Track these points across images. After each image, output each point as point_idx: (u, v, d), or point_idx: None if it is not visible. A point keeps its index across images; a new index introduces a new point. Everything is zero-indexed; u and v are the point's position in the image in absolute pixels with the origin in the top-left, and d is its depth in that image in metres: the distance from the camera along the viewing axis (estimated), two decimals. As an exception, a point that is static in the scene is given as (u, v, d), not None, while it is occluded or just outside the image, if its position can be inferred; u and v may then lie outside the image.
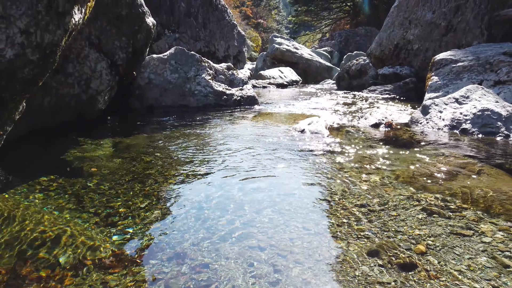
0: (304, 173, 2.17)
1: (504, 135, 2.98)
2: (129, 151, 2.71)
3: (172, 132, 3.33)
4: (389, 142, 2.92)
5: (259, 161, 2.38)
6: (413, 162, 2.35)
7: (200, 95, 4.66)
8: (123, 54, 3.76)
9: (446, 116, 3.40)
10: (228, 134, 3.25)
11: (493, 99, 3.40)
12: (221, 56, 10.86)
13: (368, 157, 2.47)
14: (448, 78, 4.56)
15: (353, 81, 8.00)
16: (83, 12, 2.58)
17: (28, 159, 2.55)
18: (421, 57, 7.15)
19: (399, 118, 3.94)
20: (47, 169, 2.30)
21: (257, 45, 40.49)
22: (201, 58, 4.96)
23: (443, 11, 6.75)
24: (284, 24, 57.26)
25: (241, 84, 5.30)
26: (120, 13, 3.67)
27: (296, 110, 4.74)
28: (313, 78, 11.57)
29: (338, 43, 18.17)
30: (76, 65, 3.26)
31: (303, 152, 2.61)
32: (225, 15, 11.21)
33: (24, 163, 2.47)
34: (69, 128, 3.28)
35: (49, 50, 2.23)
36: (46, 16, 2.18)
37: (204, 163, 2.38)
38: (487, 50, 4.71)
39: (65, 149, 2.71)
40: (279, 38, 12.24)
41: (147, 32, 4.06)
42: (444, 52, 5.16)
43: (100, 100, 3.52)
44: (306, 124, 3.39)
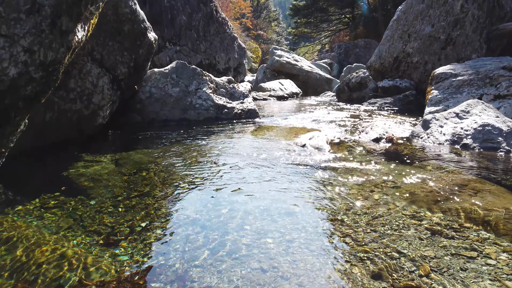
0: (306, 191, 2.16)
1: (506, 151, 2.98)
2: (129, 167, 2.71)
3: (172, 147, 3.33)
4: (390, 157, 2.91)
5: (261, 177, 2.38)
6: (415, 179, 2.34)
7: (201, 109, 4.67)
8: (124, 69, 3.78)
9: (447, 131, 3.41)
10: (229, 149, 3.26)
11: (494, 114, 3.41)
12: (221, 69, 10.94)
13: (370, 174, 2.47)
14: (448, 92, 4.58)
15: (353, 94, 8.04)
16: (86, 29, 2.60)
17: (29, 175, 2.55)
18: (421, 70, 7.19)
19: (400, 133, 3.94)
20: (48, 186, 2.30)
21: (257, 56, 40.80)
22: (202, 71, 4.99)
23: (442, 24, 6.81)
24: (284, 35, 57.80)
25: (242, 97, 5.33)
26: (123, 29, 3.71)
27: (296, 123, 4.75)
28: (313, 90, 11.62)
29: (338, 55, 18.30)
30: (78, 80, 3.28)
31: (305, 168, 2.61)
32: (225, 28, 11.31)
33: (25, 180, 2.46)
34: (71, 143, 3.29)
35: (52, 68, 2.25)
36: (50, 35, 2.20)
37: (204, 179, 2.37)
38: (486, 64, 4.74)
39: (66, 165, 2.71)
40: (279, 50, 12.34)
41: (148, 47, 4.09)
42: (444, 66, 5.20)
43: (101, 115, 3.53)
44: (307, 139, 3.39)
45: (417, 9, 7.36)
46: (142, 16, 3.96)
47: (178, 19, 9.42)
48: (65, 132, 3.25)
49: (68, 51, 2.35)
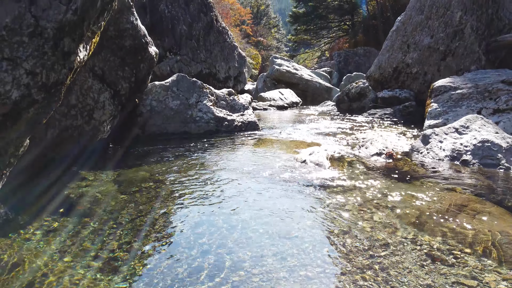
0: (306, 211, 2.16)
1: (505, 168, 2.99)
2: (130, 185, 2.72)
3: (172, 163, 3.34)
4: (390, 175, 2.92)
5: (261, 197, 2.39)
6: (415, 199, 2.35)
7: (202, 122, 4.69)
8: (126, 84, 3.80)
9: (446, 147, 3.42)
10: (229, 165, 3.26)
11: (493, 130, 3.43)
12: (222, 78, 10.98)
13: (370, 193, 2.47)
14: (448, 105, 4.61)
15: (353, 104, 8.07)
16: (87, 49, 2.62)
17: (30, 195, 2.55)
18: (420, 80, 7.23)
19: (399, 147, 3.95)
20: (49, 207, 2.30)
21: (257, 62, 41.00)
22: (202, 84, 5.01)
23: (441, 36, 6.86)
24: (283, 42, 58.11)
25: (242, 110, 5.35)
26: (124, 44, 3.73)
27: (297, 136, 4.76)
28: (313, 98, 11.66)
29: (338, 63, 18.39)
30: (80, 96, 3.30)
31: (305, 186, 2.61)
32: (226, 37, 11.37)
33: (26, 199, 2.47)
34: (71, 159, 3.30)
35: (54, 89, 2.27)
36: (52, 57, 2.22)
37: (204, 198, 2.38)
38: (485, 77, 4.77)
39: (66, 183, 2.72)
40: (279, 59, 12.40)
41: (150, 62, 4.12)
42: (443, 79, 5.22)
43: (102, 130, 3.54)
44: (308, 155, 3.40)
45: (416, 20, 7.41)
46: (143, 31, 3.99)
47: (179, 29, 9.48)
48: (66, 148, 3.26)
49: (70, 72, 2.37)
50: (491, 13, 6.63)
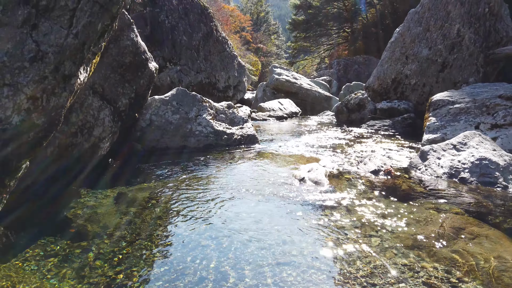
0: (304, 234, 2.17)
1: (503, 186, 3.00)
2: (129, 205, 2.73)
3: (172, 180, 3.36)
4: (388, 194, 2.93)
5: (258, 217, 2.40)
6: (413, 221, 2.36)
7: (201, 136, 4.71)
8: (125, 100, 3.83)
9: (444, 164, 3.44)
10: (227, 183, 3.28)
11: (491, 147, 3.45)
12: (221, 87, 11.03)
13: (368, 214, 2.49)
14: (446, 119, 4.63)
15: (352, 115, 8.10)
16: (88, 70, 2.65)
17: (29, 216, 2.56)
18: (419, 92, 7.27)
19: (398, 162, 3.97)
20: (48, 229, 2.31)
21: (256, 69, 41.20)
22: (202, 98, 5.04)
23: (439, 48, 6.91)
24: (283, 48, 58.40)
25: (242, 123, 5.37)
26: (124, 61, 3.77)
27: (295, 150, 4.78)
28: (312, 108, 11.70)
29: (337, 71, 18.48)
30: (80, 114, 3.32)
31: (303, 207, 2.63)
32: (225, 47, 11.44)
33: (26, 221, 2.47)
34: (71, 177, 3.31)
35: (55, 112, 2.29)
36: (53, 81, 2.24)
37: (202, 219, 2.39)
38: (483, 91, 4.80)
39: (67, 204, 2.74)
40: (279, 68, 12.47)
41: (149, 77, 4.15)
42: (441, 93, 5.25)
43: (102, 147, 3.56)
44: (306, 172, 3.42)
45: (415, 31, 7.46)
46: (143, 47, 4.03)
47: (179, 39, 9.54)
48: (66, 165, 3.28)
49: (70, 94, 2.39)
50: (488, 25, 6.68)
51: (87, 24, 2.44)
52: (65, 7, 2.34)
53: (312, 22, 34.50)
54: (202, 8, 10.57)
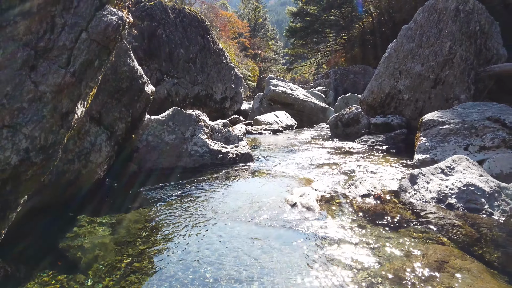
0: (293, 267, 2.25)
1: (488, 213, 3.09)
2: (125, 233, 2.81)
3: (167, 205, 3.43)
4: (377, 221, 3.02)
5: (250, 248, 2.47)
6: (400, 253, 2.44)
7: (197, 155, 4.79)
8: (122, 125, 3.91)
9: (432, 188, 3.53)
10: (221, 209, 3.35)
11: (477, 172, 3.55)
12: (218, 98, 11.13)
13: (356, 245, 2.57)
14: (436, 140, 4.73)
15: (346, 129, 8.21)
16: (85, 104, 2.73)
17: (26, 246, 2.63)
18: (412, 107, 7.38)
19: (389, 183, 4.07)
20: (45, 262, 2.38)
21: (254, 75, 41.42)
22: (197, 117, 5.13)
23: (431, 64, 7.04)
24: (281, 54, 58.69)
25: (237, 141, 5.46)
26: (121, 87, 3.85)
27: (289, 170, 4.87)
28: (308, 119, 11.82)
29: (333, 81, 18.66)
30: (77, 140, 3.40)
31: (293, 236, 2.70)
32: (222, 59, 11.56)
33: (22, 252, 2.54)
34: (68, 202, 3.39)
35: (52, 149, 2.37)
36: (51, 119, 2.33)
37: (197, 250, 2.46)
38: (472, 112, 4.91)
39: (63, 233, 2.80)
40: (275, 79, 12.59)
41: (146, 100, 4.24)
42: (432, 113, 5.36)
43: (99, 172, 3.63)
44: (298, 197, 3.50)
45: (408, 47, 7.59)
46: (140, 71, 4.12)
47: (176, 52, 9.64)
48: (63, 191, 3.35)
49: (67, 131, 2.48)
50: (479, 43, 6.82)
51: (84, 62, 2.53)
52: (63, 47, 2.43)
53: (309, 30, 34.77)
54: (199, 21, 10.69)
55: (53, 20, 2.38)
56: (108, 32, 2.65)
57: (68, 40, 2.43)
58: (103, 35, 2.62)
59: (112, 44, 2.72)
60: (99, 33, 2.59)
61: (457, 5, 6.99)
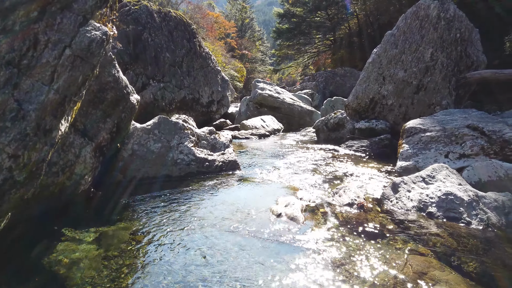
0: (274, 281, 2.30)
1: (466, 222, 3.20)
2: (111, 247, 2.81)
3: (152, 217, 3.44)
4: (360, 231, 3.09)
5: (232, 262, 2.51)
6: (381, 263, 2.51)
7: (183, 164, 4.80)
8: (107, 135, 3.90)
9: (414, 197, 3.62)
10: (206, 218, 3.38)
11: (457, 180, 3.66)
12: (205, 102, 11.12)
13: (338, 257, 2.63)
14: (418, 147, 4.85)
15: (332, 134, 8.31)
16: (68, 120, 2.73)
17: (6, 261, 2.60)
18: (395, 112, 7.52)
19: (372, 191, 4.16)
20: (29, 279, 2.37)
21: (242, 75, 41.46)
22: (183, 125, 5.14)
23: (414, 70, 7.18)
24: (268, 54, 58.81)
25: (223, 148, 5.49)
26: (106, 97, 3.84)
27: (275, 177, 4.92)
28: (295, 122, 11.91)
29: (319, 84, 18.83)
30: (61, 153, 3.38)
31: (276, 249, 2.75)
32: (209, 62, 11.55)
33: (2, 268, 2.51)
34: (52, 214, 3.36)
35: (36, 167, 2.36)
36: (34, 137, 2.32)
37: (180, 263, 2.48)
38: (452, 120, 5.04)
39: (46, 247, 2.79)
40: (262, 83, 12.65)
41: (131, 110, 4.23)
42: (414, 120, 5.48)
43: (83, 184, 3.62)
44: (283, 207, 3.55)
45: (391, 53, 7.73)
46: (125, 82, 4.11)
47: (162, 56, 9.61)
48: (47, 204, 3.33)
49: (51, 147, 2.47)
50: (460, 50, 6.99)
51: (68, 78, 2.53)
52: (47, 64, 2.42)
53: (296, 31, 34.93)
54: (185, 24, 10.67)
55: (36, 37, 2.38)
56: (92, 47, 2.65)
57: (51, 57, 2.43)
58: (87, 51, 2.63)
59: (96, 60, 2.72)
60: (83, 49, 2.60)
61: (438, 12, 7.15)
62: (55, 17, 2.48)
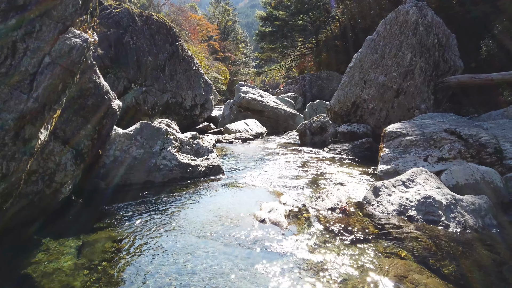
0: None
1: (445, 225, 3.28)
2: (93, 256, 2.77)
3: (135, 225, 3.40)
4: (342, 236, 3.14)
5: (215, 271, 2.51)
6: (361, 268, 2.56)
7: (166, 170, 4.77)
8: (88, 142, 3.84)
9: (394, 201, 3.70)
10: (189, 225, 3.37)
11: (435, 184, 3.75)
12: (188, 106, 11.07)
13: (320, 262, 2.67)
14: (398, 151, 4.95)
15: (315, 137, 8.41)
16: (48, 128, 2.68)
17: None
18: (376, 116, 7.66)
19: (354, 195, 4.23)
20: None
21: (225, 78, 41.45)
22: (166, 130, 5.11)
23: (393, 75, 7.33)
24: (251, 57, 58.98)
25: (207, 153, 5.48)
26: (87, 104, 3.79)
27: (258, 182, 4.94)
28: (278, 125, 11.99)
29: (302, 87, 19.02)
30: (41, 161, 3.32)
31: (260, 256, 2.77)
32: (191, 65, 11.51)
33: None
34: (32, 223, 3.29)
35: (15, 177, 2.31)
36: (13, 147, 2.28)
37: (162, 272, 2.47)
38: (431, 124, 5.18)
39: (26, 259, 2.73)
40: (245, 86, 12.69)
41: (113, 116, 4.18)
42: (394, 124, 5.60)
43: (63, 192, 3.56)
44: (267, 212, 3.58)
45: (371, 58, 7.88)
46: (106, 87, 4.06)
47: (144, 60, 9.52)
48: (27, 213, 3.26)
49: (31, 157, 2.43)
50: (438, 55, 7.18)
51: (48, 86, 2.49)
52: (25, 72, 2.38)
53: (279, 34, 35.16)
54: (168, 28, 10.61)
55: (14, 45, 2.34)
56: (73, 55, 2.62)
57: (30, 65, 2.40)
58: (67, 59, 2.59)
59: (77, 67, 2.69)
60: (62, 56, 2.56)
61: (416, 18, 7.33)
62: (34, 24, 2.44)
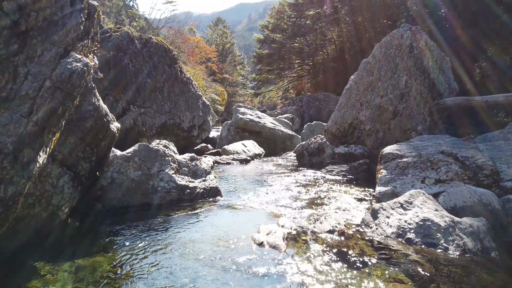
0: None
1: (444, 248, 3.27)
2: (87, 281, 2.73)
3: (131, 249, 3.37)
4: (341, 259, 3.11)
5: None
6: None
7: (163, 191, 4.75)
8: (86, 164, 3.84)
9: (393, 223, 3.69)
10: (187, 251, 3.34)
11: (433, 206, 3.75)
12: (186, 127, 11.12)
13: (321, 286, 2.63)
14: (395, 172, 4.97)
15: (312, 159, 8.43)
16: (47, 151, 2.69)
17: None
18: (373, 137, 7.71)
19: (352, 217, 4.21)
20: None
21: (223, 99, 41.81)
22: (164, 152, 5.12)
23: (389, 97, 7.43)
24: (249, 78, 59.71)
25: (204, 175, 5.47)
26: (85, 126, 3.81)
27: (256, 204, 4.92)
28: (276, 146, 12.03)
29: (299, 108, 19.22)
30: (38, 184, 3.30)
31: (257, 281, 2.74)
32: (190, 87, 11.63)
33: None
34: (28, 246, 3.25)
35: (12, 201, 2.31)
36: (11, 170, 2.28)
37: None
38: (428, 146, 5.21)
39: (21, 284, 2.68)
40: (243, 107, 12.80)
41: (111, 138, 4.20)
42: (391, 146, 5.64)
43: (60, 215, 3.53)
44: (265, 235, 3.55)
45: (367, 80, 8.00)
46: (105, 110, 4.10)
47: (143, 82, 9.62)
48: (23, 237, 3.22)
49: (29, 180, 2.43)
50: (432, 78, 7.31)
51: (48, 110, 2.51)
52: (26, 96, 2.41)
53: (276, 56, 35.78)
54: (166, 50, 10.78)
55: (15, 69, 2.37)
56: (73, 79, 2.66)
57: (31, 89, 2.42)
58: (68, 83, 2.63)
59: (77, 91, 2.73)
60: (63, 80, 2.60)
61: (411, 42, 7.49)
62: (36, 49, 2.48)
